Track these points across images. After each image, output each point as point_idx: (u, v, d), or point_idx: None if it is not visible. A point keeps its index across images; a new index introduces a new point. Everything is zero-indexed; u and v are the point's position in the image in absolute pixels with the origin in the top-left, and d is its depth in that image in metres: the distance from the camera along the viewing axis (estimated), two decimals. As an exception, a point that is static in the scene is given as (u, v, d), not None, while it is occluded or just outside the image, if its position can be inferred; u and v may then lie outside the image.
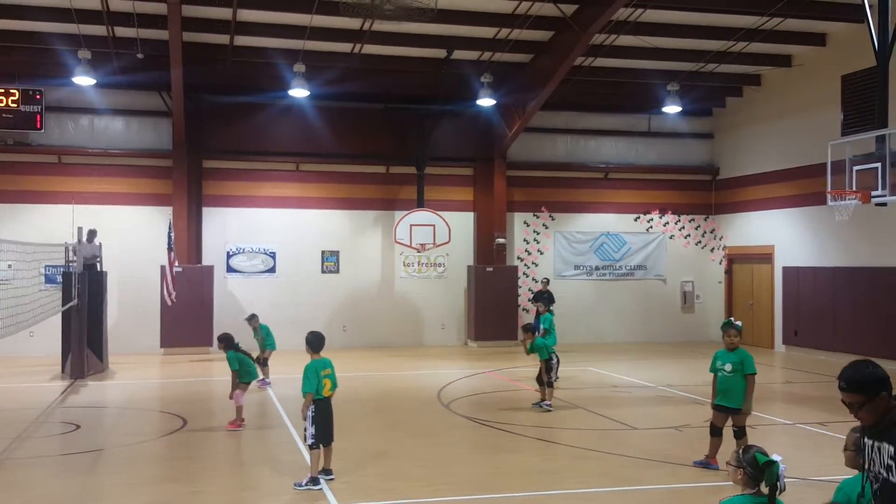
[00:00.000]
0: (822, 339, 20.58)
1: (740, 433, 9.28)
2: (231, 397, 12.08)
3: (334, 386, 9.04)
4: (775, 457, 4.62)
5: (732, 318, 10.05)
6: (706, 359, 19.28)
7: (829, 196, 17.93)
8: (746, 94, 23.69)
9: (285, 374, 15.82)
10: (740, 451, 4.88)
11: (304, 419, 8.86)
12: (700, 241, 25.42)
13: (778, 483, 4.55)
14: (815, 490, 8.01)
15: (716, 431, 9.46)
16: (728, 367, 9.34)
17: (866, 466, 3.88)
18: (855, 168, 17.14)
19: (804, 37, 20.07)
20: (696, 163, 25.44)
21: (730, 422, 9.37)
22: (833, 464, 3.58)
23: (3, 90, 20.13)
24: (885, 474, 3.75)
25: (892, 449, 3.72)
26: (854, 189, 17.07)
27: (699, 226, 25.42)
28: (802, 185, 21.15)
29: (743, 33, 18.99)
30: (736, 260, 24.62)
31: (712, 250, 25.37)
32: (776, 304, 22.43)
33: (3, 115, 20.14)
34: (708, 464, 9.51)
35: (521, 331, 14.56)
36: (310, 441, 8.82)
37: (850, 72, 19.48)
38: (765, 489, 4.62)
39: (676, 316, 25.00)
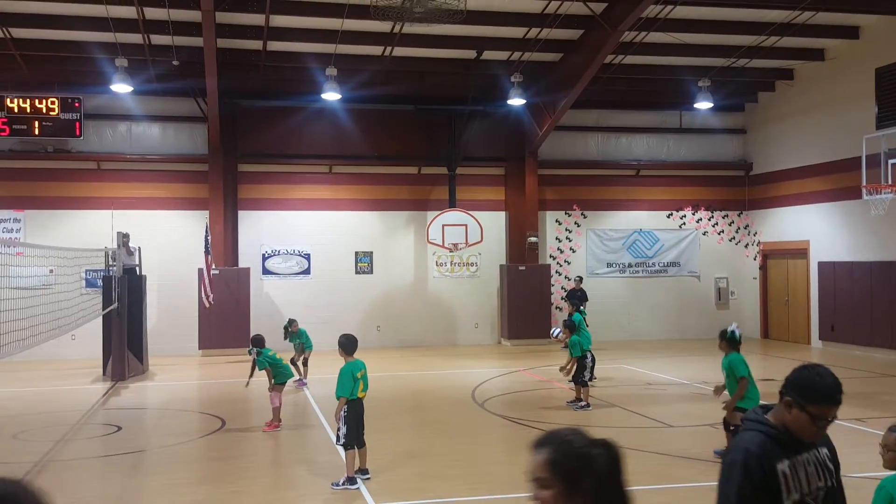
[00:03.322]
0: (859, 334, 20.37)
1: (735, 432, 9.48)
2: (247, 385, 12.25)
3: (366, 387, 9.16)
4: None
5: (731, 325, 10.22)
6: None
7: (864, 190, 17.82)
8: (779, 89, 23.49)
9: (321, 374, 16.00)
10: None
11: (337, 420, 9.00)
12: (734, 237, 25.25)
13: None
14: (852, 489, 7.98)
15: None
16: (723, 372, 9.84)
17: (803, 491, 3.28)
18: (890, 161, 17.02)
19: (837, 30, 19.88)
20: (729, 158, 25.27)
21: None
22: (870, 461, 3.57)
23: (42, 98, 20.58)
24: (829, 482, 3.37)
25: (827, 451, 3.44)
26: (890, 183, 16.94)
27: (733, 222, 25.25)
28: (837, 180, 20.93)
29: (775, 27, 18.84)
30: (771, 255, 24.42)
31: (746, 246, 25.19)
32: (812, 299, 22.23)
33: (44, 123, 20.60)
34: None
35: (560, 327, 14.56)
36: (342, 440, 8.95)
37: (884, 64, 19.26)
38: None
39: (711, 312, 24.84)
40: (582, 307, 20.02)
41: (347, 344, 9.10)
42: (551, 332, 16.31)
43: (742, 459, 3.24)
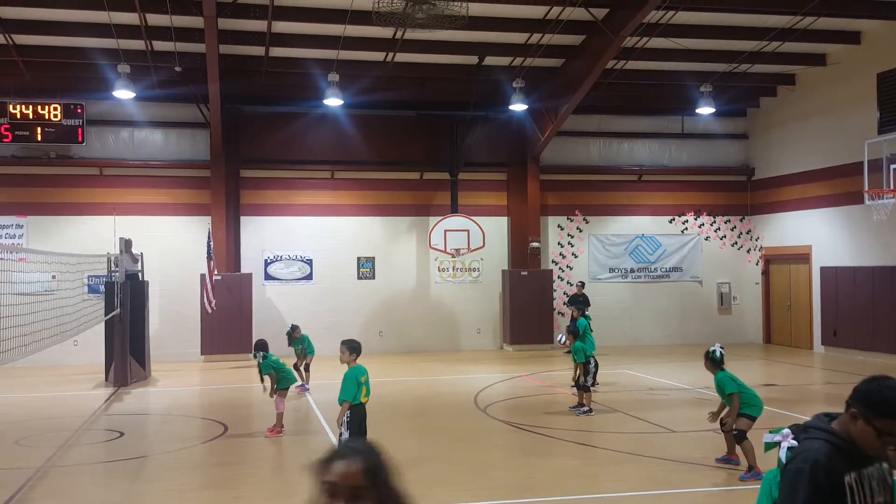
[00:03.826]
0: (862, 339, 20.34)
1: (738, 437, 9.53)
2: (271, 395, 12.27)
3: (368, 393, 9.16)
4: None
5: (714, 345, 10.17)
6: (743, 360, 19.16)
7: (866, 195, 17.81)
8: (781, 94, 23.50)
9: (323, 379, 16.00)
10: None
11: (340, 426, 8.97)
12: (736, 242, 25.23)
13: None
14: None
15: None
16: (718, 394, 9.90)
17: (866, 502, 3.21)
18: (892, 166, 17.01)
19: (838, 35, 19.88)
20: (731, 163, 25.27)
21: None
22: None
23: (45, 105, 20.62)
24: (888, 499, 3.28)
25: (886, 465, 3.29)
26: (892, 188, 16.94)
27: (735, 227, 25.24)
28: (839, 185, 20.93)
29: (776, 33, 18.85)
30: (773, 261, 24.40)
31: (749, 251, 25.18)
32: (814, 304, 22.20)
33: (46, 129, 20.65)
34: (729, 459, 9.89)
35: (564, 333, 14.56)
36: (343, 446, 8.91)
37: (886, 69, 19.27)
38: None
39: (713, 318, 24.83)
40: (586, 312, 20.02)
41: (357, 347, 9.11)
42: (557, 338, 16.31)
43: (809, 469, 3.14)
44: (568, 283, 23.92)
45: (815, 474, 3.12)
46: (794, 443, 3.60)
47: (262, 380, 12.50)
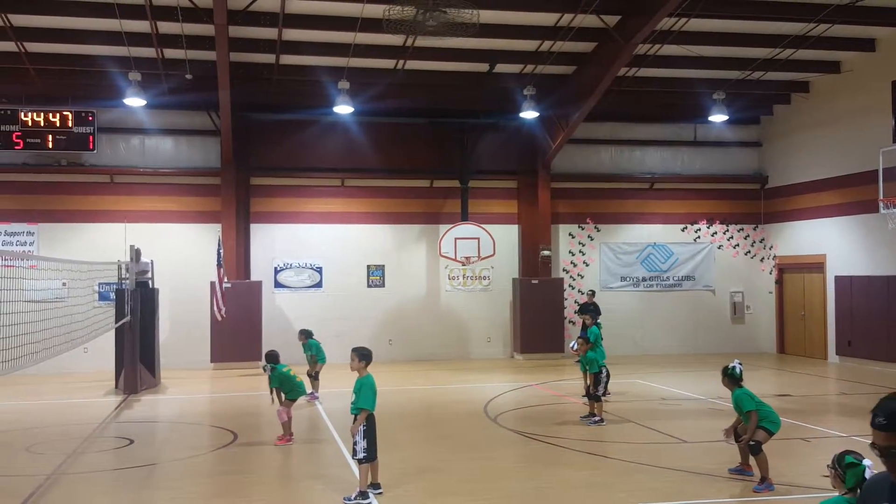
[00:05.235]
0: (877, 349, 20.14)
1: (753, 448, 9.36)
2: (273, 402, 12.17)
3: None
4: (865, 462, 4.85)
5: (733, 361, 10.03)
6: (757, 370, 19.01)
7: (881, 204, 17.67)
8: (794, 102, 23.36)
9: (334, 388, 15.93)
10: (836, 455, 5.24)
11: (355, 434, 8.86)
12: (749, 251, 25.07)
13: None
14: None
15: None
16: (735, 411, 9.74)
17: None
18: (907, 175, 16.86)
19: (853, 42, 19.76)
20: (744, 171, 25.12)
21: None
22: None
23: (56, 112, 20.68)
24: None
25: None
26: (907, 196, 16.79)
27: (748, 235, 25.07)
28: (854, 193, 20.76)
29: (790, 40, 18.75)
30: (787, 269, 24.22)
31: (762, 260, 25.00)
32: (829, 314, 22.00)
33: (57, 136, 20.70)
34: (742, 470, 9.74)
35: (576, 341, 14.45)
36: (360, 455, 8.84)
37: (901, 77, 19.15)
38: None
39: (726, 327, 24.66)
40: (597, 321, 19.92)
41: (370, 355, 9.05)
42: (569, 345, 16.22)
43: (862, 488, 3.44)
44: (579, 291, 23.80)
45: (862, 494, 3.41)
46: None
47: (271, 391, 12.42)
